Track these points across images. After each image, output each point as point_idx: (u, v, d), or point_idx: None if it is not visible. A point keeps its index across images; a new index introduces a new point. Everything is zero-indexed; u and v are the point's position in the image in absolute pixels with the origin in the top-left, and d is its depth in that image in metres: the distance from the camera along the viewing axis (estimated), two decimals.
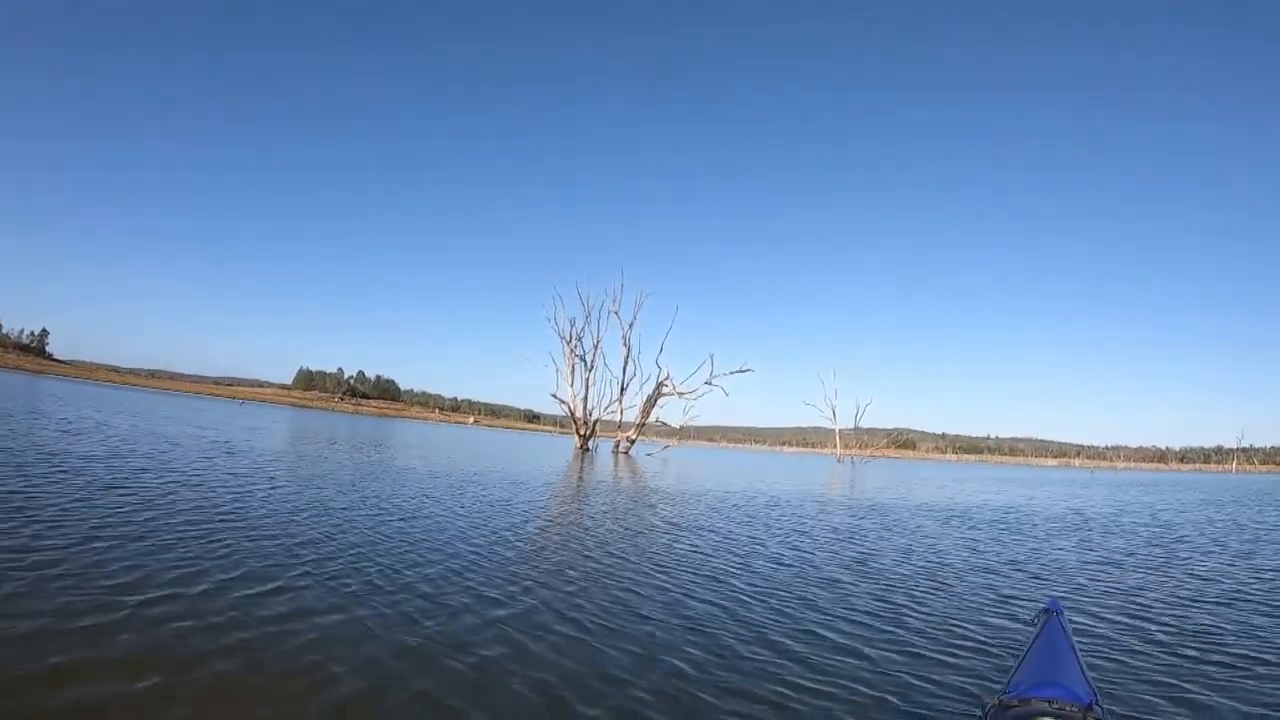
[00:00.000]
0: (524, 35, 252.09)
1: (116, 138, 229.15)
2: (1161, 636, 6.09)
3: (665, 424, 46.70)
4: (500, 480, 17.35)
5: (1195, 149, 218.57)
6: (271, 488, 11.59)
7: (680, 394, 44.32)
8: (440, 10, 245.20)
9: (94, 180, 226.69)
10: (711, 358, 45.78)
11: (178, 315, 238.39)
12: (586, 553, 8.67)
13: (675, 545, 9.73)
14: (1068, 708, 3.15)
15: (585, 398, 43.90)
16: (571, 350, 43.94)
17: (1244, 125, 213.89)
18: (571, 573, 7.39)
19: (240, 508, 9.26)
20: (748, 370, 45.12)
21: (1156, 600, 7.62)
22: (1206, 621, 6.70)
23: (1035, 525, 15.42)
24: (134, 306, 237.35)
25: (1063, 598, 6.95)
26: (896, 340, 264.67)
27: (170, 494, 9.67)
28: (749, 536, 11.14)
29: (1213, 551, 12.05)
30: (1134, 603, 7.41)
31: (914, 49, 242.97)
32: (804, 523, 13.54)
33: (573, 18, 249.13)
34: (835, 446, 79.55)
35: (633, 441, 45.23)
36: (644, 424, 45.28)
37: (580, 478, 21.77)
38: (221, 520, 8.21)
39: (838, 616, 6.36)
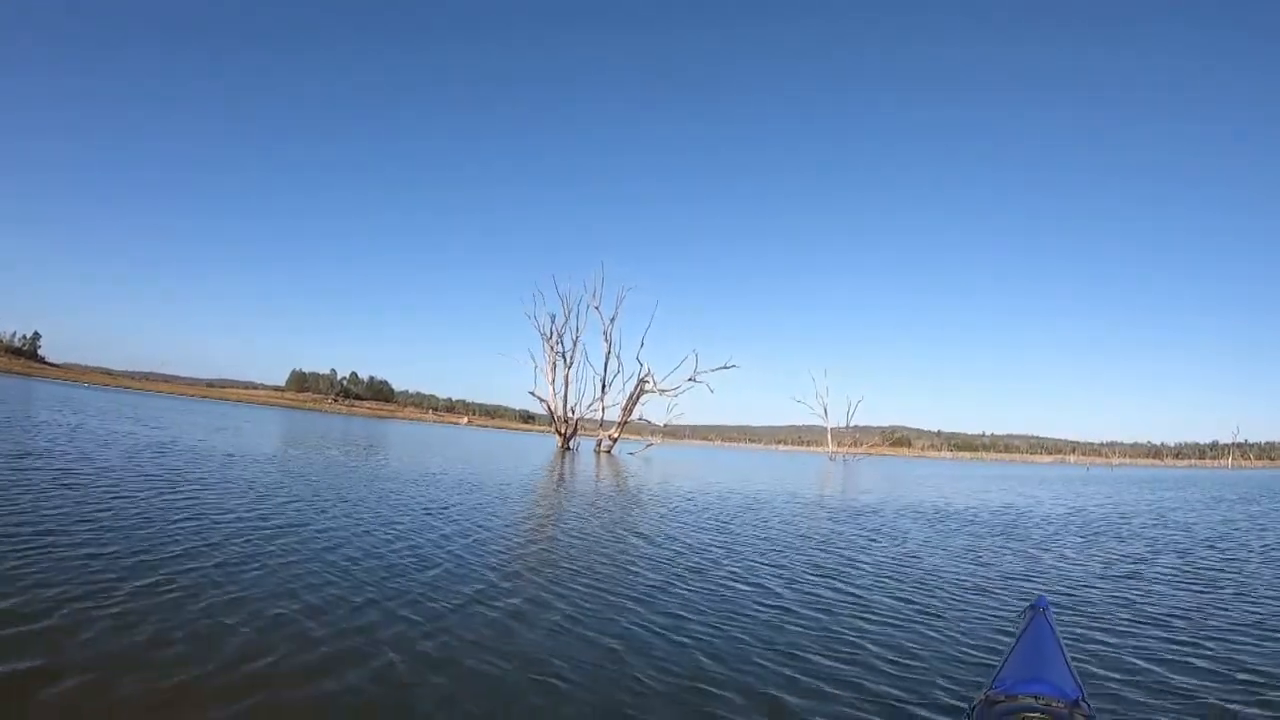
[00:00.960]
0: (521, 34, 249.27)
1: (109, 137, 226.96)
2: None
3: (648, 422, 45.83)
4: (456, 483, 16.34)
5: (1189, 147, 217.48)
6: (167, 488, 10.50)
7: (662, 391, 43.51)
8: (435, 8, 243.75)
9: (86, 181, 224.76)
10: (696, 354, 44.66)
11: (172, 318, 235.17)
12: (506, 567, 7.60)
13: (626, 554, 8.79)
14: (1054, 703, 3.14)
15: (565, 395, 43.08)
16: (551, 347, 43.09)
17: (1238, 124, 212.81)
18: (479, 606, 5.92)
19: (100, 511, 8.15)
20: (732, 366, 44.22)
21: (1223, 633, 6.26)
22: None
23: (1036, 530, 14.00)
24: (129, 309, 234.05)
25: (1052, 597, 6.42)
26: (893, 338, 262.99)
27: (44, 490, 8.82)
28: (715, 544, 10.15)
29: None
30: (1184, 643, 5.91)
31: (910, 48, 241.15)
32: (770, 529, 12.28)
33: (569, 17, 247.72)
34: (829, 444, 78.98)
35: (615, 440, 44.27)
36: (626, 422, 44.33)
37: (551, 478, 20.88)
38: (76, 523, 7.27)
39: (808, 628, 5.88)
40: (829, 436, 79.14)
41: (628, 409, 43.75)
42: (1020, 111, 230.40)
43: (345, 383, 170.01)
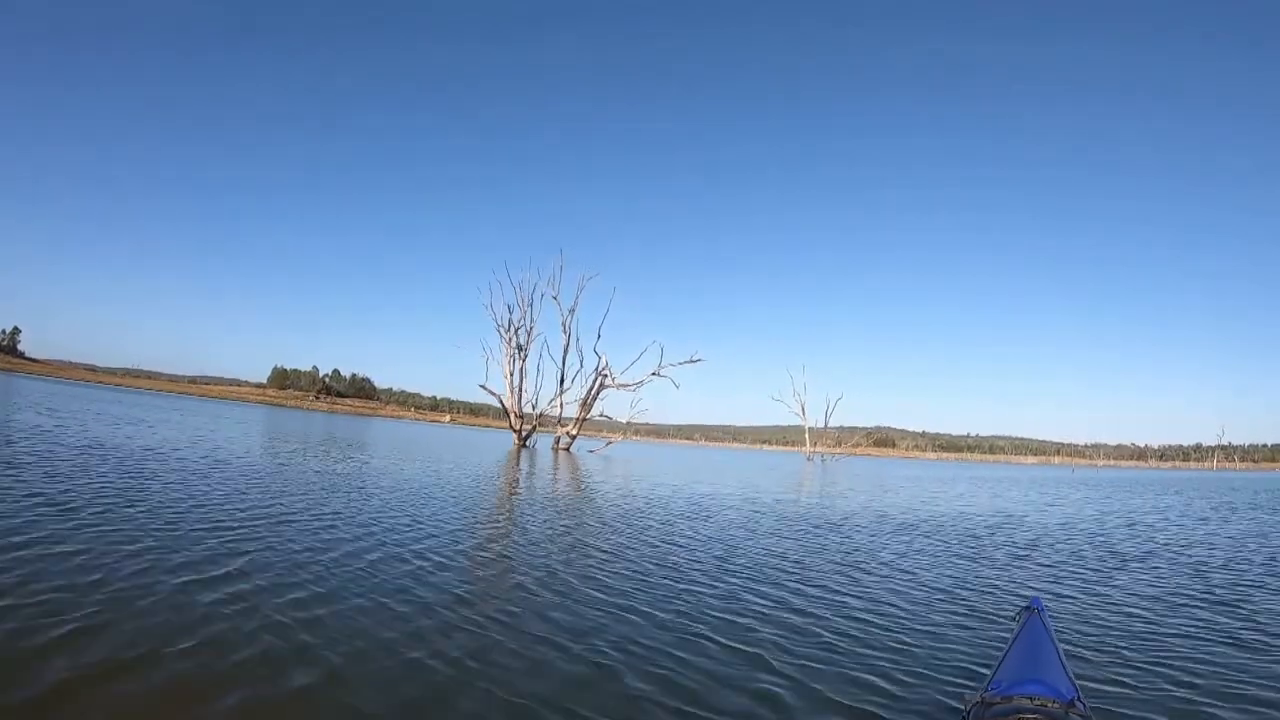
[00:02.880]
0: (501, 35, 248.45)
1: (92, 134, 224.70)
2: None
3: (609, 418, 42.82)
4: (380, 484, 13.72)
5: (1178, 148, 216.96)
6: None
7: (621, 385, 40.75)
8: (424, 10, 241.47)
9: (72, 178, 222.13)
10: (661, 348, 41.65)
11: (156, 315, 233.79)
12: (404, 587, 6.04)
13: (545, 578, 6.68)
14: (1049, 704, 3.11)
15: (520, 390, 40.35)
16: (507, 340, 40.45)
17: (1224, 127, 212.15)
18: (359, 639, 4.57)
19: None
20: (698, 360, 41.04)
21: None
22: None
23: (1025, 550, 10.93)
24: (112, 306, 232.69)
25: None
26: (878, 339, 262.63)
27: None
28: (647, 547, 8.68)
29: None
30: None
31: (908, 46, 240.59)
32: (716, 536, 10.07)
33: (552, 15, 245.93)
34: (806, 444, 76.95)
35: (573, 437, 41.07)
36: (585, 418, 41.08)
37: (497, 478, 18.21)
38: None
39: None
40: (806, 436, 77.10)
41: (586, 404, 40.73)
42: (1006, 110, 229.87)
43: (327, 380, 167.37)
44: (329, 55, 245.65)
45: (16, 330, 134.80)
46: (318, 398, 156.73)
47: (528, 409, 40.61)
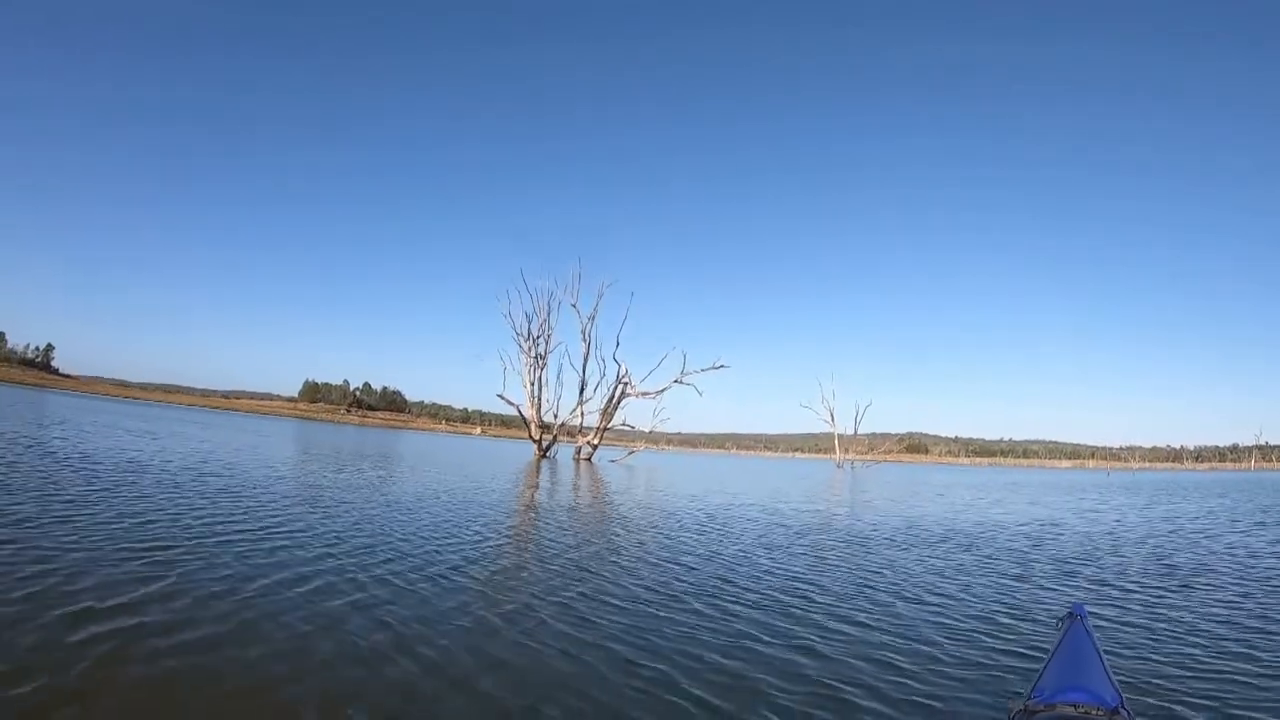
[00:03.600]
0: (530, 44, 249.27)
1: (119, 147, 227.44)
2: None
3: (631, 427, 41.60)
4: (381, 497, 12.49)
5: (1209, 147, 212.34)
6: None
7: (642, 394, 39.53)
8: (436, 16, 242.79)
9: (102, 193, 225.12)
10: (684, 354, 40.47)
11: (189, 329, 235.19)
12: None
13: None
14: (1093, 711, 3.08)
15: (539, 399, 39.18)
16: (527, 349, 39.33)
17: (1248, 124, 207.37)
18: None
19: None
20: (722, 367, 39.87)
21: None
22: None
23: (1072, 563, 9.83)
24: (145, 322, 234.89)
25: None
26: (909, 344, 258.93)
27: None
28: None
29: None
30: None
31: (914, 46, 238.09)
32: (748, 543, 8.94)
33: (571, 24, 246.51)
34: (836, 451, 75.23)
35: (594, 447, 39.95)
36: (606, 428, 40.02)
37: (504, 490, 16.98)
38: None
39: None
40: (836, 443, 75.38)
41: (608, 413, 39.62)
42: (1030, 111, 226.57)
43: (358, 393, 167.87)
44: (348, 64, 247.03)
45: (50, 347, 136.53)
46: (348, 411, 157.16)
47: (549, 418, 39.54)
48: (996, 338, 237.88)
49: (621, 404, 39.71)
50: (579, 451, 39.77)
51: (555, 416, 39.87)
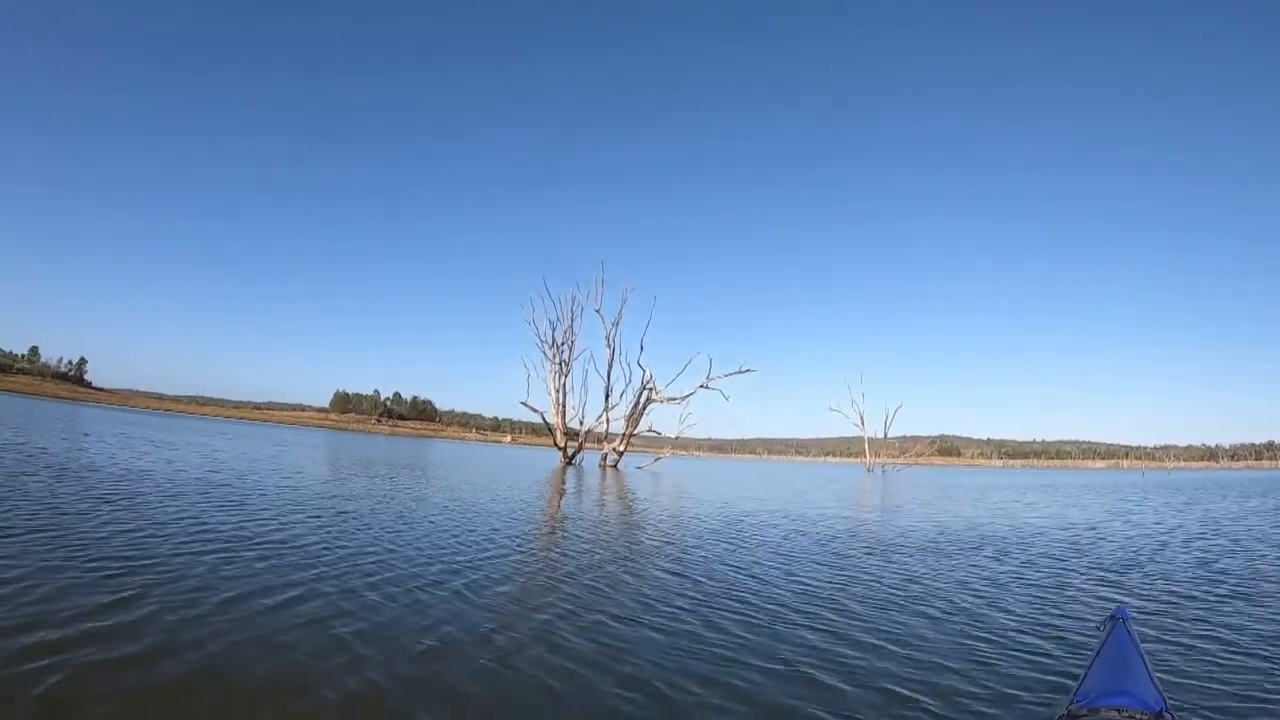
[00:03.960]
0: (548, 57, 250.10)
1: (154, 165, 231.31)
2: None
3: (657, 433, 41.16)
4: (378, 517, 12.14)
5: (1232, 147, 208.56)
6: None
7: (667, 400, 38.90)
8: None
9: (133, 206, 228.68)
10: (710, 359, 40.12)
11: (220, 343, 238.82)
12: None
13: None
14: (1137, 716, 3.07)
15: (563, 406, 38.73)
16: (552, 356, 38.82)
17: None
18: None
19: None
20: (748, 371, 39.37)
21: None
22: None
23: (1117, 570, 9.25)
24: (178, 335, 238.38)
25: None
26: (939, 346, 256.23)
27: None
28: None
29: None
30: None
31: (933, 53, 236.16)
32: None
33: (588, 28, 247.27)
34: (866, 455, 74.03)
35: (620, 454, 39.54)
36: (632, 434, 39.58)
37: (531, 501, 16.44)
38: None
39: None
40: (866, 447, 74.18)
41: (633, 419, 39.20)
42: (1058, 113, 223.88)
43: (388, 403, 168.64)
44: (383, 81, 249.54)
45: (83, 361, 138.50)
46: (379, 421, 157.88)
47: (575, 425, 38.98)
48: (1028, 340, 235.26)
49: (647, 410, 39.28)
50: (605, 458, 39.38)
51: (581, 423, 39.44)
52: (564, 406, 38.48)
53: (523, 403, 38.59)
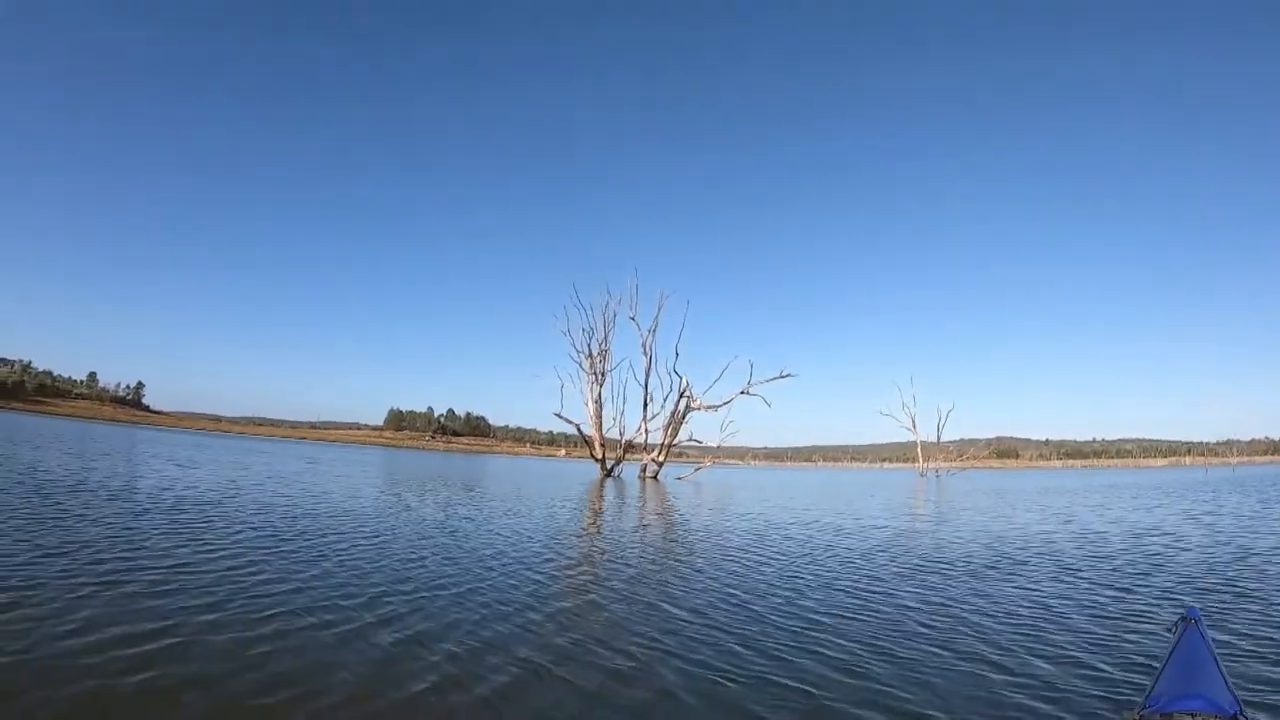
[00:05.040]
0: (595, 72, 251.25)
1: (210, 191, 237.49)
2: None
3: (698, 442, 39.67)
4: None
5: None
6: None
7: (707, 407, 37.61)
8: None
9: (190, 233, 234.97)
10: (750, 364, 38.53)
11: (277, 365, 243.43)
12: None
13: None
14: (1211, 719, 2.96)
15: (600, 417, 37.63)
16: (591, 365, 37.87)
17: None
18: None
19: None
20: (788, 376, 37.69)
21: None
22: None
23: (1203, 590, 7.82)
24: (243, 355, 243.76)
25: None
26: (993, 347, 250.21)
27: None
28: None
29: None
30: None
31: (988, 62, 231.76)
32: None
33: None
34: (919, 460, 71.62)
35: (660, 464, 38.27)
36: (670, 444, 38.32)
37: (559, 517, 15.38)
38: None
39: None
40: (919, 451, 71.70)
41: (672, 429, 37.93)
42: (1097, 106, 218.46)
43: (442, 420, 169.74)
44: (434, 100, 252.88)
45: (140, 385, 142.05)
46: (433, 437, 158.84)
47: (614, 436, 38.04)
48: (1085, 337, 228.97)
49: (686, 418, 37.97)
50: (644, 469, 38.21)
51: (621, 434, 38.39)
52: (601, 417, 37.50)
53: (556, 414, 37.81)
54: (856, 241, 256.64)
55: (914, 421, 70.23)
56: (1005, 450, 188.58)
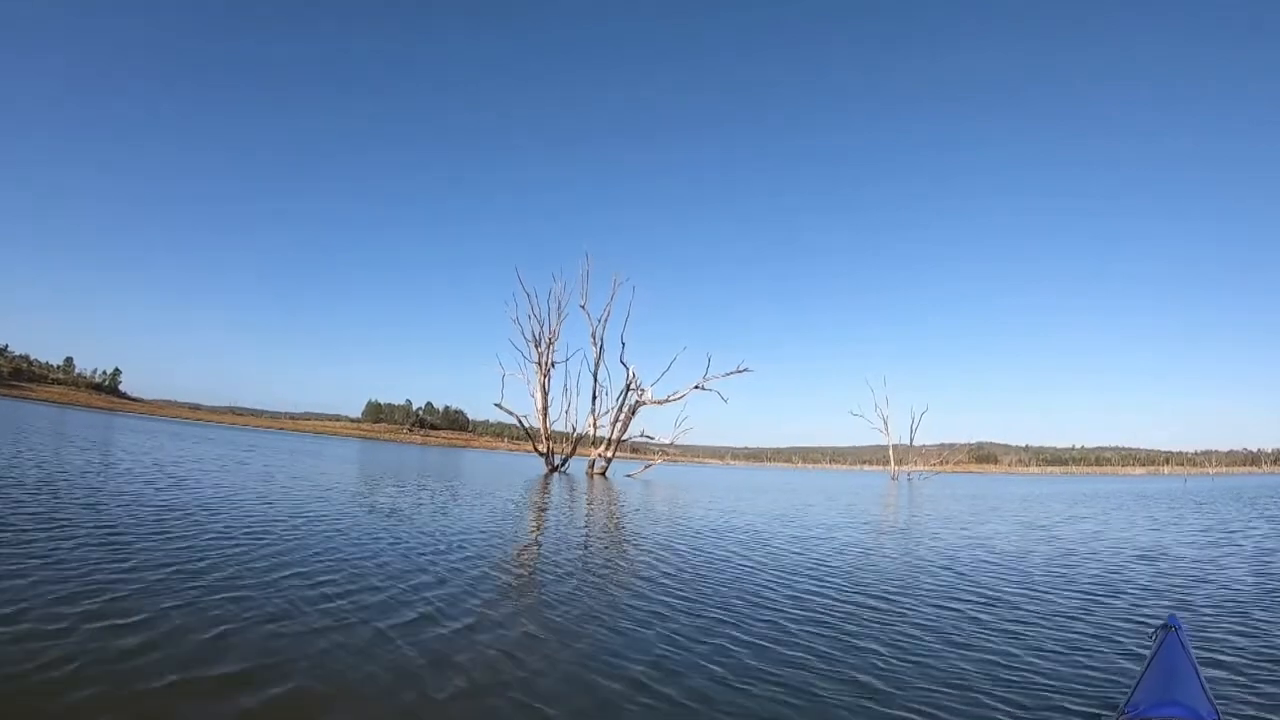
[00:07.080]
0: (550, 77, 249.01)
1: (188, 183, 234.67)
2: None
3: (650, 438, 36.85)
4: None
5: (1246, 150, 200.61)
6: None
7: (658, 401, 34.95)
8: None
9: (169, 222, 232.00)
10: (709, 358, 36.08)
11: (256, 355, 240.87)
12: None
13: None
14: None
15: (545, 409, 35.01)
16: (539, 355, 35.24)
17: None
18: None
19: None
20: (745, 370, 35.22)
21: None
22: None
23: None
24: (226, 345, 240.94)
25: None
26: (974, 352, 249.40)
27: None
28: None
29: None
30: None
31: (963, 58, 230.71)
32: None
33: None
34: (891, 462, 69.04)
35: (608, 460, 35.51)
36: (619, 439, 35.55)
37: (494, 515, 12.73)
38: None
39: None
40: (890, 454, 69.05)
41: (621, 423, 35.22)
42: (1078, 113, 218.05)
43: (420, 413, 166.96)
44: (430, 88, 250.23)
45: (117, 371, 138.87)
46: (411, 430, 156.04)
47: (567, 429, 35.49)
48: (1068, 344, 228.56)
49: (636, 413, 35.23)
50: (592, 465, 35.48)
51: (574, 428, 35.79)
52: (547, 410, 34.87)
53: (496, 405, 35.02)
54: (857, 241, 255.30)
55: (886, 423, 67.31)
56: (985, 455, 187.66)
